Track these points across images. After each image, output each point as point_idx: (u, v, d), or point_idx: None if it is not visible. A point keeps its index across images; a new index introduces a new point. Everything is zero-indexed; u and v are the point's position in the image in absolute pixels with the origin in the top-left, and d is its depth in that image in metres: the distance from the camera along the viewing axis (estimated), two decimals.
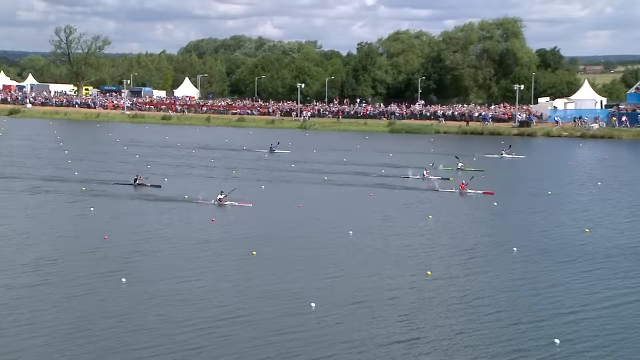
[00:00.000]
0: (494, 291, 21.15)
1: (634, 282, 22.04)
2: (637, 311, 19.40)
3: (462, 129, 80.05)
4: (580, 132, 73.84)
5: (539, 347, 16.79)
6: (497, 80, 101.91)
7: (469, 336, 17.50)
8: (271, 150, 58.16)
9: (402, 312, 19.09)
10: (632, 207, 34.97)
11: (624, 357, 16.39)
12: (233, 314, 18.74)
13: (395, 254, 25.18)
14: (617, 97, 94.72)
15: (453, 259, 24.80)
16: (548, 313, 19.10)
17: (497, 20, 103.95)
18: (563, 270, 23.36)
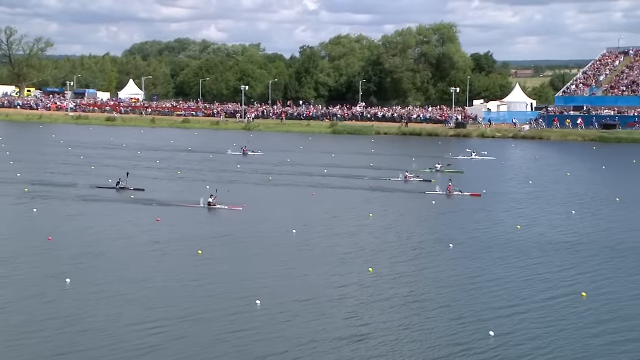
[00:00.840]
0: (432, 286, 22.08)
1: (564, 275, 23.31)
2: (567, 303, 20.42)
3: (401, 130, 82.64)
4: (512, 133, 77.15)
5: (474, 340, 17.47)
6: (434, 83, 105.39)
7: (407, 330, 18.26)
8: (244, 152, 58.39)
9: (345, 308, 19.80)
10: (562, 204, 36.73)
11: (557, 348, 17.08)
12: (181, 313, 18.98)
13: (336, 252, 25.99)
14: (545, 99, 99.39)
15: (392, 256, 25.62)
16: (483, 307, 19.95)
17: (434, 26, 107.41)
18: (497, 265, 24.40)
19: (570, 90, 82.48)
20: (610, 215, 33.81)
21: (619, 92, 78.13)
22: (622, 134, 69.62)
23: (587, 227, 31.12)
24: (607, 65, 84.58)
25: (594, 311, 19.86)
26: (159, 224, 30.59)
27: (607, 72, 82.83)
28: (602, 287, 22.17)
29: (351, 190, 41.15)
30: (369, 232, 30.17)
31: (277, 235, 29.00)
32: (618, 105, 75.54)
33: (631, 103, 75.06)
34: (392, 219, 33.07)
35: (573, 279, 22.94)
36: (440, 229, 30.74)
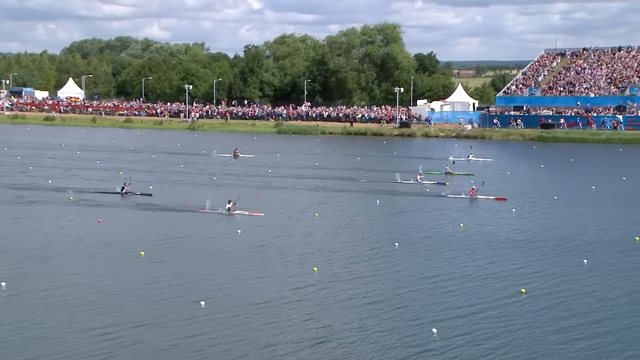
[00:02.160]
0: (376, 285, 22.30)
1: (505, 272, 23.80)
2: (508, 299, 20.87)
3: (346, 130, 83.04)
4: (456, 133, 78.35)
5: (418, 337, 17.69)
6: (378, 83, 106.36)
7: (348, 328, 18.46)
8: (234, 154, 57.36)
9: (291, 308, 19.88)
10: (502, 203, 37.19)
11: (498, 342, 17.47)
12: (134, 318, 18.70)
13: (281, 253, 26.00)
14: (487, 99, 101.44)
15: (338, 256, 25.78)
16: (426, 303, 20.35)
17: (378, 26, 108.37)
18: (441, 264, 24.76)
19: (511, 90, 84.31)
20: (548, 213, 34.59)
21: (557, 92, 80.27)
22: (560, 134, 71.50)
23: (526, 225, 31.75)
24: (546, 66, 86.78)
25: (534, 307, 20.23)
26: (103, 225, 29.99)
27: (545, 73, 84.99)
28: (542, 283, 22.65)
29: (296, 190, 41.07)
30: (314, 233, 30.09)
31: (222, 236, 28.74)
32: (556, 106, 77.57)
33: (568, 103, 77.17)
34: (336, 219, 33.07)
35: (514, 276, 23.40)
36: (391, 229, 30.95)
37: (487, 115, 79.70)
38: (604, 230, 30.50)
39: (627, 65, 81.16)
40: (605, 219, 32.77)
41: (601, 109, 74.00)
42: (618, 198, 38.19)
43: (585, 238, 28.96)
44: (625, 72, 79.86)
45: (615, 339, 17.99)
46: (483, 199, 37.20)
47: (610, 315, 19.73)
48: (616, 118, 71.75)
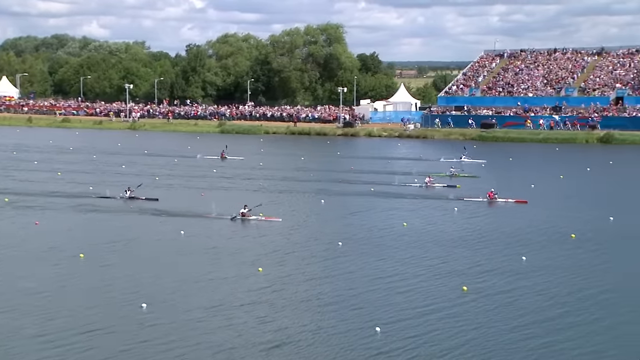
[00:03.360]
0: (321, 284, 22.48)
1: (448, 270, 24.29)
2: (449, 297, 21.32)
3: (290, 130, 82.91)
4: (398, 133, 79.11)
5: (361, 336, 17.92)
6: (322, 83, 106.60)
7: (292, 327, 18.58)
8: (221, 157, 56.08)
9: (238, 310, 19.83)
10: (445, 201, 37.95)
11: (440, 338, 17.86)
12: (82, 324, 18.32)
13: (226, 253, 25.90)
14: (429, 99, 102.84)
15: (284, 256, 25.85)
16: (369, 303, 20.54)
17: (321, 26, 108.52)
18: (384, 262, 25.10)
19: (452, 90, 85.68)
20: (487, 212, 35.19)
21: (496, 92, 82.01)
22: (499, 133, 73.03)
23: (466, 224, 32.26)
24: (485, 67, 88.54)
25: (474, 304, 20.63)
26: (40, 227, 29.32)
27: (485, 74, 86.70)
28: (482, 280, 23.11)
29: (237, 191, 40.70)
30: (258, 233, 29.67)
31: (164, 238, 28.19)
32: (495, 106, 79.22)
33: (507, 103, 78.92)
34: (282, 219, 32.90)
35: (456, 273, 23.81)
36: (338, 229, 30.90)
37: (429, 115, 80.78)
38: (542, 227, 31.21)
39: (563, 67, 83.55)
40: (543, 217, 33.57)
41: (539, 109, 75.93)
42: (556, 196, 39.14)
43: (524, 236, 29.60)
44: (561, 73, 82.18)
45: (551, 333, 18.43)
46: (502, 203, 36.66)
47: (547, 311, 20.19)
48: (553, 118, 73.72)
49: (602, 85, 77.09)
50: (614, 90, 75.20)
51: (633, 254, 26.93)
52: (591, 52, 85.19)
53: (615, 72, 78.76)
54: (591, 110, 72.89)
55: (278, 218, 32.15)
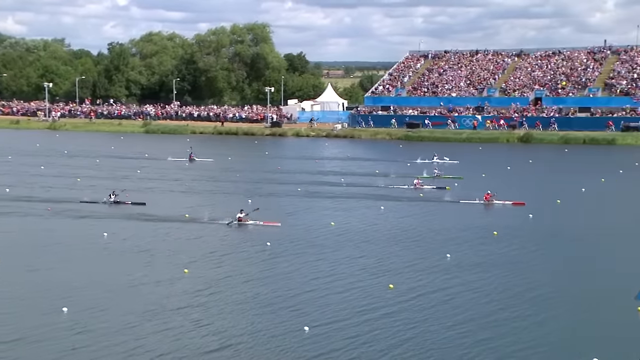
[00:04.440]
0: (248, 285, 22.36)
1: (374, 268, 24.57)
2: (376, 295, 21.52)
3: (217, 130, 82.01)
4: (326, 132, 79.41)
5: (290, 336, 17.96)
6: (249, 82, 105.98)
7: (218, 327, 18.49)
8: (190, 158, 54.38)
9: (165, 312, 19.58)
10: (372, 200, 38.32)
11: (366, 338, 18.04)
12: (7, 332, 17.79)
13: (149, 255, 25.57)
14: (356, 99, 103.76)
15: (207, 257, 25.63)
16: (298, 303, 20.62)
17: (248, 25, 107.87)
18: (313, 262, 25.21)
19: (378, 91, 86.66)
20: (413, 211, 35.70)
21: (421, 93, 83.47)
22: (425, 133, 74.33)
23: (394, 223, 32.65)
24: (410, 67, 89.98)
25: (401, 302, 20.90)
26: None
27: (410, 74, 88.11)
28: (408, 278, 23.49)
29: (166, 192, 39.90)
30: (184, 235, 29.13)
31: (86, 240, 27.28)
32: (421, 106, 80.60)
33: (432, 104, 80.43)
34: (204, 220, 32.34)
35: (382, 272, 24.10)
36: (261, 229, 30.55)
37: (356, 115, 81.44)
38: (466, 225, 31.84)
39: (484, 68, 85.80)
40: (467, 215, 34.29)
41: (462, 109, 77.70)
42: (478, 195, 39.98)
43: (449, 233, 30.17)
44: (483, 74, 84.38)
45: (472, 330, 18.79)
46: (500, 205, 36.25)
47: (469, 307, 20.61)
48: (475, 118, 75.59)
49: (521, 86, 79.60)
50: (533, 91, 77.76)
51: (552, 250, 27.73)
52: (511, 54, 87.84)
53: (534, 74, 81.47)
54: (512, 111, 75.12)
55: (277, 222, 31.27)
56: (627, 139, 66.01)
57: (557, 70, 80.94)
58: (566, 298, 21.61)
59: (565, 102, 75.00)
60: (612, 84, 75.40)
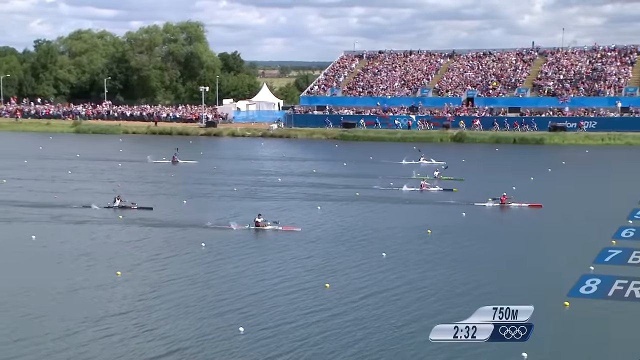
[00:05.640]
0: (179, 287, 22.09)
1: (310, 267, 24.59)
2: (312, 294, 21.59)
3: (150, 129, 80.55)
4: (262, 132, 79.01)
5: (225, 337, 17.86)
6: (183, 82, 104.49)
7: (154, 330, 18.25)
8: (173, 161, 52.67)
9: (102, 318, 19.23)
10: (308, 200, 38.38)
11: (303, 338, 18.04)
12: None
13: (83, 258, 25.10)
14: (292, 99, 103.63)
15: (141, 259, 25.32)
16: (231, 304, 20.45)
17: (181, 24, 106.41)
18: (246, 262, 25.03)
19: (314, 90, 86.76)
20: (350, 210, 35.83)
21: (357, 93, 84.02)
22: (360, 133, 74.84)
23: (330, 221, 32.74)
24: (345, 67, 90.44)
25: (337, 301, 20.98)
26: None
27: (345, 74, 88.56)
28: (344, 277, 23.58)
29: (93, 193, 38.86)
30: (119, 237, 28.36)
31: (13, 243, 26.10)
32: (356, 106, 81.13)
33: (367, 103, 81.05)
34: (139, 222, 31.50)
35: (318, 271, 24.15)
36: (198, 230, 30.09)
37: (291, 115, 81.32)
38: (401, 224, 32.15)
39: (418, 68, 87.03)
40: (402, 214, 34.63)
41: (397, 109, 78.59)
42: (412, 194, 40.41)
43: (385, 233, 30.38)
44: (417, 74, 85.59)
45: (408, 328, 18.97)
46: (516, 207, 35.51)
47: (398, 305, 20.80)
48: (410, 118, 76.58)
49: (454, 86, 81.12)
50: (465, 92, 79.36)
51: (486, 247, 28.30)
52: (444, 54, 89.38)
53: (466, 74, 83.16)
54: (445, 111, 76.46)
55: (297, 228, 30.52)
56: (554, 139, 68.07)
57: (488, 71, 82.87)
58: (503, 293, 21.97)
59: (496, 102, 76.86)
60: (540, 84, 77.71)
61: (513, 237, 30.28)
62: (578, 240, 28.74)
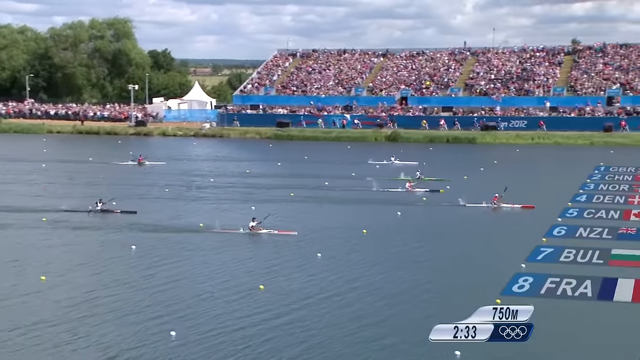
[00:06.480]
0: (109, 290, 21.45)
1: (243, 269, 24.16)
2: (246, 296, 21.19)
3: (76, 129, 77.84)
4: (194, 132, 77.36)
5: (156, 341, 17.42)
6: (111, 79, 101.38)
7: (89, 336, 17.74)
8: (139, 162, 50.32)
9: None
10: (242, 200, 37.56)
11: (236, 340, 17.73)
12: None
13: (11, 264, 24.32)
14: (225, 98, 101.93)
15: (70, 264, 24.59)
16: (163, 307, 19.97)
17: (108, 20, 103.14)
18: (179, 264, 24.48)
19: (247, 89, 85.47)
20: (284, 210, 35.10)
21: (291, 92, 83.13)
22: (295, 132, 74.09)
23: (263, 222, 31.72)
24: (279, 66, 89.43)
25: (271, 303, 20.60)
26: None
27: (279, 73, 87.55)
28: (279, 279, 23.17)
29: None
30: (45, 240, 26.66)
31: None
32: (290, 105, 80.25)
33: (301, 102, 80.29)
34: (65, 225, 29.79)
35: (252, 273, 23.76)
36: (124, 233, 29.05)
37: (224, 114, 79.85)
38: (336, 224, 31.65)
39: (352, 67, 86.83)
40: (337, 214, 34.13)
41: (331, 108, 78.12)
42: (347, 194, 39.87)
43: (320, 233, 29.92)
44: (351, 73, 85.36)
45: (344, 327, 18.70)
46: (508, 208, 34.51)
47: (342, 304, 20.65)
48: (344, 117, 76.23)
49: (388, 85, 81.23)
50: (399, 91, 79.57)
51: (422, 246, 28.02)
52: (378, 53, 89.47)
53: (400, 74, 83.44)
54: (379, 110, 76.44)
55: (294, 232, 29.47)
56: (486, 138, 68.92)
57: (422, 70, 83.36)
58: (437, 291, 21.99)
59: (429, 101, 77.34)
60: (472, 84, 78.67)
61: (449, 236, 30.04)
62: (511, 239, 28.70)
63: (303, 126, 75.46)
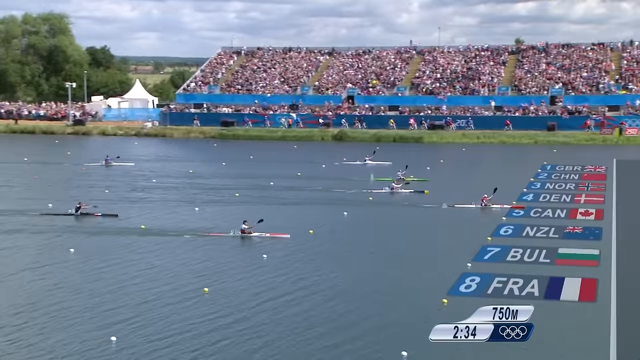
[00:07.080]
0: (48, 294, 20.98)
1: (188, 271, 23.52)
2: (190, 299, 20.65)
3: (10, 128, 75.18)
4: (135, 131, 75.35)
5: (95, 347, 17.06)
6: (47, 77, 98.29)
7: (47, 342, 17.29)
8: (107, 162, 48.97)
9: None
10: (186, 201, 36.75)
11: (180, 345, 17.26)
12: None
13: None
14: (167, 96, 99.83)
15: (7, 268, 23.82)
16: (103, 311, 19.46)
17: (43, 15, 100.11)
18: (120, 267, 23.96)
19: (190, 87, 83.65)
20: (230, 210, 34.16)
21: (236, 90, 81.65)
22: (240, 131, 72.87)
23: (209, 223, 31.21)
24: (223, 64, 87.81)
25: (215, 306, 20.11)
26: None
27: (223, 71, 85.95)
28: (224, 281, 22.62)
29: None
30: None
31: None
32: (235, 103, 78.85)
33: (247, 101, 78.99)
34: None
35: (196, 275, 23.18)
36: (64, 236, 27.85)
37: (167, 113, 77.93)
38: (286, 225, 30.68)
39: (298, 65, 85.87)
40: (281, 215, 33.03)
41: (277, 107, 77.02)
42: (295, 193, 38.84)
43: None
44: (297, 72, 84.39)
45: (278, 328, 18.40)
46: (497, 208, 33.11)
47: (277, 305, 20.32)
48: (290, 116, 75.24)
49: (334, 84, 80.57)
50: (345, 90, 79.00)
51: (370, 245, 27.54)
52: (323, 52, 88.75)
53: (346, 72, 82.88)
54: (325, 109, 75.71)
55: (286, 234, 28.55)
56: (432, 137, 68.97)
57: (368, 69, 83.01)
58: (383, 291, 21.59)
59: (376, 100, 77.04)
60: (418, 83, 78.70)
61: (395, 236, 29.42)
62: (457, 238, 28.27)
63: (249, 126, 74.21)
